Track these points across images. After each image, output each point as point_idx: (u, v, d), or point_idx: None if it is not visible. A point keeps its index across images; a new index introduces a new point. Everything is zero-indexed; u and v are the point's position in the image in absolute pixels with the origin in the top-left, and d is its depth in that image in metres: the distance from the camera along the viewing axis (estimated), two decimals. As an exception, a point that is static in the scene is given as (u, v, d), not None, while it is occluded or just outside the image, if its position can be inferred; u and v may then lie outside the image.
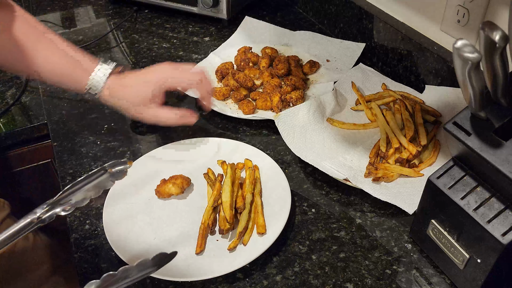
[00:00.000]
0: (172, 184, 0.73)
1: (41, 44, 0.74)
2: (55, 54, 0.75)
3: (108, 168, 0.58)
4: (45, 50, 0.74)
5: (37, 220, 0.52)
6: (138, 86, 0.76)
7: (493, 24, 0.42)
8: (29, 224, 0.51)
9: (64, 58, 0.75)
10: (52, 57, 0.75)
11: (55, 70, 0.75)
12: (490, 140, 0.51)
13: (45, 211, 0.53)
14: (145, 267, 0.47)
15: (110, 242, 0.65)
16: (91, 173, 0.57)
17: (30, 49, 0.73)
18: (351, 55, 1.05)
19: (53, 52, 0.75)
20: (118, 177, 0.58)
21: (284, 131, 0.79)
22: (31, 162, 1.01)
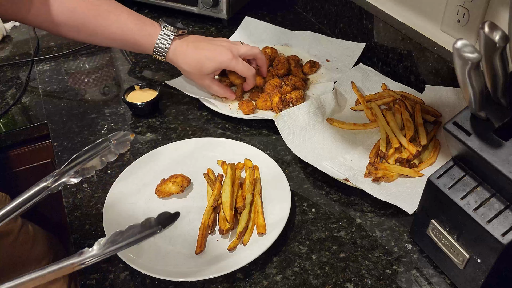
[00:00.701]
0: (172, 183, 0.73)
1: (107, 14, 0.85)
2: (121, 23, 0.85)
3: (112, 139, 0.60)
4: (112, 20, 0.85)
5: (47, 188, 0.55)
6: (198, 59, 0.85)
7: (493, 24, 0.42)
8: (40, 191, 0.54)
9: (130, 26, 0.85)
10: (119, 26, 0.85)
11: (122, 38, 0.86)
12: (490, 140, 0.51)
13: (54, 179, 0.55)
14: (149, 226, 0.49)
15: (110, 242, 0.65)
16: (95, 143, 0.59)
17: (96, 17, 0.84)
18: (351, 55, 1.05)
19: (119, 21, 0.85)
20: (121, 148, 0.60)
21: (284, 131, 0.79)
22: (31, 162, 1.01)
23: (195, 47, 0.86)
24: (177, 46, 0.86)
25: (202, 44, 0.87)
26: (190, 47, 0.86)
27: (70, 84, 1.04)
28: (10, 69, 1.10)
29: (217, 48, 0.86)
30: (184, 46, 0.86)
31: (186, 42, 0.87)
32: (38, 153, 1.00)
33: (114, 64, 1.12)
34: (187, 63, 0.86)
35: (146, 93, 0.94)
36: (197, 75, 0.87)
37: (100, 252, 0.46)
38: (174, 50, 0.86)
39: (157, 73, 1.07)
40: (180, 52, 0.86)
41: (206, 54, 0.85)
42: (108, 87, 1.03)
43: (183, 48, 0.86)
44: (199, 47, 0.86)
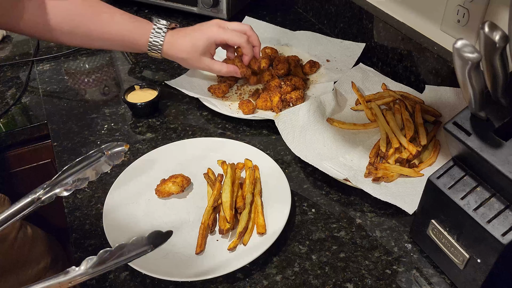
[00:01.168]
0: (172, 183, 0.73)
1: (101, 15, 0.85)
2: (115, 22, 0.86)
3: (105, 150, 0.59)
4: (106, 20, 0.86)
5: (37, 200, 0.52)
6: (190, 39, 0.86)
7: (493, 24, 0.42)
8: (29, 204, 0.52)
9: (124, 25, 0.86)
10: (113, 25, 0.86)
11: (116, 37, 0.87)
12: (490, 140, 0.51)
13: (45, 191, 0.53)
14: (140, 245, 0.47)
15: (110, 242, 0.65)
16: (88, 154, 0.58)
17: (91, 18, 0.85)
18: (351, 55, 1.05)
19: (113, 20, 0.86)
20: (115, 159, 0.59)
21: (284, 131, 0.79)
22: (31, 162, 1.01)
23: (186, 34, 0.87)
24: (171, 39, 0.87)
25: (191, 29, 0.88)
26: (181, 35, 0.87)
27: (70, 84, 1.04)
28: (10, 69, 1.10)
29: (204, 26, 0.88)
30: (176, 36, 0.87)
31: (178, 32, 0.88)
32: (38, 153, 1.00)
33: (114, 64, 1.12)
34: (181, 50, 0.87)
35: (146, 93, 0.94)
36: (194, 58, 0.88)
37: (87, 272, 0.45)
38: (168, 43, 0.87)
39: (157, 73, 1.07)
40: (173, 42, 0.87)
41: (195, 35, 0.87)
42: (108, 87, 1.03)
43: (175, 38, 0.87)
44: (188, 32, 0.88)
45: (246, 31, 0.90)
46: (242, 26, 0.90)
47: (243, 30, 0.89)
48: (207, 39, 0.86)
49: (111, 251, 0.45)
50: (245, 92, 0.99)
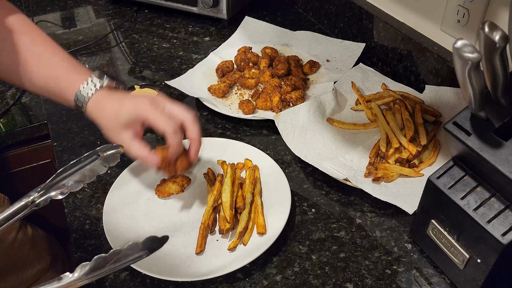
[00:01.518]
0: (172, 182, 0.73)
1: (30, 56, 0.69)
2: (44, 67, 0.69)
3: (100, 152, 0.58)
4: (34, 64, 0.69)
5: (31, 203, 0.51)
6: (114, 107, 0.68)
7: (493, 24, 0.42)
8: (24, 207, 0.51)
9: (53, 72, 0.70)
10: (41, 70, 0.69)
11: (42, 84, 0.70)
12: (490, 140, 0.51)
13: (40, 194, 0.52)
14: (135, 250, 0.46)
15: (110, 242, 0.65)
16: (83, 156, 0.57)
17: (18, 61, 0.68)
18: (351, 55, 1.05)
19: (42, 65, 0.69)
20: (111, 161, 0.58)
21: (284, 131, 0.79)
22: (31, 162, 1.01)
23: (117, 99, 0.69)
24: (99, 97, 0.69)
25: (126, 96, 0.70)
26: (112, 98, 0.69)
27: (70, 84, 1.04)
28: (10, 69, 1.10)
29: (139, 98, 0.69)
30: (106, 97, 0.69)
31: (112, 94, 0.70)
32: (38, 153, 1.00)
33: (114, 64, 1.12)
34: (103, 114, 0.69)
35: (146, 93, 0.94)
36: (113, 129, 0.68)
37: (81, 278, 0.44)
38: (94, 101, 0.69)
39: (157, 73, 1.07)
40: (99, 103, 0.69)
41: (124, 102, 0.68)
42: (108, 87, 1.03)
43: (104, 99, 0.69)
44: (122, 97, 0.69)
45: (185, 120, 0.67)
46: (182, 112, 0.67)
47: (180, 117, 0.67)
48: (132, 112, 0.66)
49: (106, 257, 0.44)
50: (245, 92, 0.99)
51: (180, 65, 1.10)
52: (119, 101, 0.68)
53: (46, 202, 0.52)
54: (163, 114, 0.66)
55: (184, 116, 0.67)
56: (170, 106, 0.68)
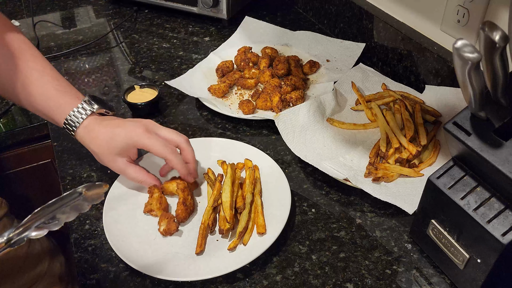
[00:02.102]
0: (176, 183, 0.72)
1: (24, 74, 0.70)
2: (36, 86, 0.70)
3: (83, 190, 0.55)
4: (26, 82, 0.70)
5: (6, 244, 0.49)
6: (107, 135, 0.70)
7: (493, 24, 0.42)
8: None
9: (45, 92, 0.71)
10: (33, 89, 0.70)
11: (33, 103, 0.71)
12: (490, 140, 0.51)
13: (17, 233, 0.50)
14: None
15: (110, 242, 0.65)
16: (64, 195, 0.54)
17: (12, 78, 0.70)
18: (351, 55, 1.05)
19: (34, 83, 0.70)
20: (94, 200, 0.56)
21: (284, 131, 0.79)
22: (31, 162, 1.01)
23: (109, 125, 0.71)
24: (90, 123, 0.71)
25: (117, 122, 0.71)
26: (103, 125, 0.71)
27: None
28: (10, 69, 1.10)
29: (130, 124, 0.71)
30: (97, 123, 0.71)
31: (102, 120, 0.72)
32: (38, 153, 1.00)
33: (114, 64, 1.12)
34: (96, 142, 0.71)
35: (146, 93, 0.94)
36: (107, 156, 0.71)
37: None
38: (85, 127, 0.71)
39: (157, 73, 1.07)
40: (91, 129, 0.71)
41: (116, 130, 0.70)
42: (108, 87, 1.03)
43: (96, 126, 0.71)
44: (113, 124, 0.71)
45: (179, 143, 0.72)
46: (176, 136, 0.72)
47: (175, 142, 0.72)
48: (126, 140, 0.69)
49: None
50: (245, 92, 0.99)
51: (180, 65, 1.10)
52: (112, 128, 0.70)
53: (23, 241, 0.50)
54: (158, 140, 0.69)
55: (177, 139, 0.72)
56: (162, 131, 0.71)
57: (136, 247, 0.65)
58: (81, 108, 0.71)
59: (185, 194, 0.70)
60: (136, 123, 0.71)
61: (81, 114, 0.71)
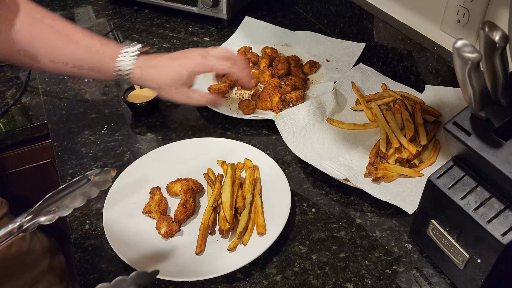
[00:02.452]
0: (181, 185, 0.72)
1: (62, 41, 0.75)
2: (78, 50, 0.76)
3: (91, 176, 0.56)
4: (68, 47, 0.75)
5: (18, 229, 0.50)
6: (170, 68, 0.77)
7: (493, 24, 0.42)
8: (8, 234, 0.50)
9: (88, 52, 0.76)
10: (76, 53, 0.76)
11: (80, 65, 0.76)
12: (490, 140, 0.51)
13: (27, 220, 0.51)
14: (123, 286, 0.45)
15: (110, 242, 0.65)
16: (73, 181, 0.55)
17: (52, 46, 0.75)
18: (351, 55, 1.05)
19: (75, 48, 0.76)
20: (102, 186, 0.57)
21: (284, 131, 0.79)
22: (31, 162, 1.01)
23: (164, 60, 0.78)
24: (145, 63, 0.77)
25: (171, 56, 0.79)
26: (159, 60, 0.78)
27: (70, 84, 1.04)
28: (10, 69, 1.10)
29: (186, 54, 0.79)
30: (151, 62, 0.77)
31: (153, 58, 0.78)
32: (38, 153, 1.00)
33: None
34: (157, 78, 0.77)
35: (146, 93, 0.94)
36: (171, 88, 0.77)
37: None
38: (142, 67, 0.76)
39: (157, 73, 1.07)
40: (148, 69, 0.77)
41: (177, 63, 0.77)
42: (108, 87, 1.03)
43: (153, 63, 0.77)
44: (169, 58, 0.78)
45: (231, 56, 0.80)
46: (226, 51, 0.81)
47: (228, 56, 0.79)
48: (191, 69, 0.77)
49: None
50: (245, 92, 0.99)
51: (180, 65, 1.10)
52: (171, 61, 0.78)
53: (34, 227, 0.51)
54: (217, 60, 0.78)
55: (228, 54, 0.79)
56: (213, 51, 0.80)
57: (136, 247, 0.65)
58: (127, 53, 0.76)
59: (187, 196, 0.70)
60: (191, 53, 0.79)
61: (131, 58, 0.76)
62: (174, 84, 0.77)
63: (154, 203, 0.70)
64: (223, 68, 0.78)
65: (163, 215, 0.69)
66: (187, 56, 0.79)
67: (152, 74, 0.77)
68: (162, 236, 0.67)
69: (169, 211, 0.72)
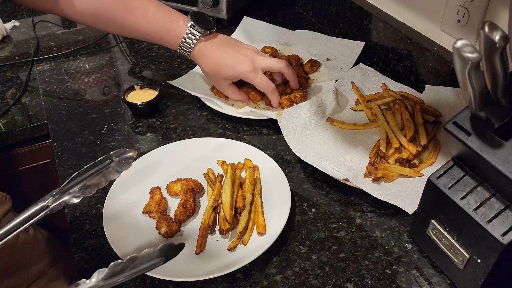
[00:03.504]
0: (181, 185, 0.72)
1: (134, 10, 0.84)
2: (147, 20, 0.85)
3: (113, 156, 0.58)
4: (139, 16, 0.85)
5: (46, 207, 0.51)
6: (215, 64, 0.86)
7: (493, 24, 0.42)
8: (39, 211, 0.51)
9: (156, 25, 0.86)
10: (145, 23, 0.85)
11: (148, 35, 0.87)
12: (490, 140, 0.51)
13: (54, 199, 0.52)
14: (151, 257, 0.46)
15: (110, 241, 0.65)
16: (96, 161, 0.57)
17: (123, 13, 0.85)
18: (351, 54, 1.05)
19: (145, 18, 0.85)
20: (123, 166, 0.58)
21: (285, 129, 0.79)
22: (31, 162, 1.01)
23: (219, 50, 0.86)
24: (202, 47, 0.86)
25: (226, 49, 0.86)
26: (214, 49, 0.86)
27: (70, 84, 1.04)
28: (10, 69, 1.10)
29: (239, 57, 0.85)
30: (209, 47, 0.86)
31: (211, 43, 0.86)
32: (38, 153, 1.00)
33: (114, 64, 1.12)
34: (207, 64, 0.86)
35: (146, 93, 0.94)
36: (215, 77, 0.88)
37: (97, 284, 0.44)
38: (198, 50, 0.86)
39: (157, 73, 1.07)
40: (203, 53, 0.86)
41: (227, 61, 0.85)
42: (108, 87, 1.03)
43: (207, 50, 0.86)
44: (223, 50, 0.86)
45: (283, 69, 0.87)
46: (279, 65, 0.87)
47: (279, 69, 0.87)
48: (234, 73, 0.86)
49: (123, 264, 0.45)
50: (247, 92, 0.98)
51: (180, 65, 1.10)
52: (222, 54, 0.85)
53: (60, 206, 0.52)
54: (262, 78, 0.85)
55: (278, 67, 0.86)
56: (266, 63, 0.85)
57: (136, 247, 0.65)
58: (190, 34, 0.85)
59: (187, 196, 0.70)
60: (245, 57, 0.84)
61: (192, 40, 0.85)
62: (216, 75, 0.87)
63: (154, 203, 0.70)
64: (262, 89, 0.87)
65: (163, 215, 0.69)
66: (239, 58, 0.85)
67: (202, 60, 0.87)
68: (162, 236, 0.67)
69: (169, 211, 0.72)
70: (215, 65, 0.86)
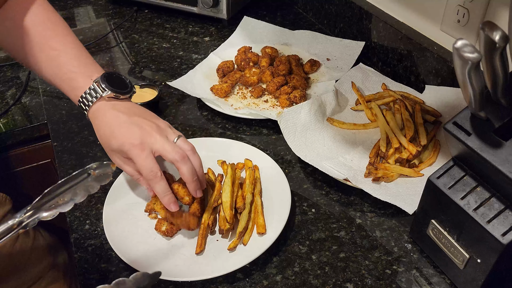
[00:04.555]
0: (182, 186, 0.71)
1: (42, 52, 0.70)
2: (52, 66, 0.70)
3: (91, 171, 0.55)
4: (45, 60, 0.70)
5: (18, 225, 0.49)
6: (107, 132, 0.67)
7: (493, 24, 0.42)
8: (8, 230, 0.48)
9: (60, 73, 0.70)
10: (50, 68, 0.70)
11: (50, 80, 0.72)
12: (490, 140, 0.51)
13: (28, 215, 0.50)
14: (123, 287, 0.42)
15: (110, 242, 0.65)
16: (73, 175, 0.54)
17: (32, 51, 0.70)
18: (351, 53, 1.05)
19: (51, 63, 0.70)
20: (102, 180, 0.55)
21: (285, 129, 0.79)
22: (31, 162, 1.01)
23: (114, 116, 0.67)
24: (100, 107, 0.68)
25: (123, 117, 0.67)
26: (111, 114, 0.67)
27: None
28: (10, 69, 1.10)
29: (132, 128, 0.65)
30: (107, 110, 0.68)
31: (112, 106, 0.68)
32: (38, 153, 1.00)
33: (114, 64, 1.12)
34: (98, 130, 0.68)
35: (146, 93, 0.94)
36: (105, 148, 0.68)
37: None
38: (95, 111, 0.68)
39: (157, 73, 1.07)
40: (97, 115, 0.68)
41: (115, 130, 0.66)
42: (108, 87, 1.03)
43: (104, 112, 0.68)
44: (118, 118, 0.67)
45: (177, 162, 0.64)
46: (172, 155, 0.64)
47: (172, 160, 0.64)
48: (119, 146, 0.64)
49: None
50: (247, 92, 0.99)
51: (180, 65, 1.10)
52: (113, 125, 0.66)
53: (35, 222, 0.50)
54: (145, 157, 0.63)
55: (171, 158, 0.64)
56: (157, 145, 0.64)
57: (136, 247, 0.65)
58: (92, 90, 0.68)
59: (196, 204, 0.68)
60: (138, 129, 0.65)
61: (91, 97, 0.68)
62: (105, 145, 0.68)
63: (159, 201, 0.69)
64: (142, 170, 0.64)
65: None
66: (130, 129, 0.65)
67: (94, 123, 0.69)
68: (163, 234, 0.67)
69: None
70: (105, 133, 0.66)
